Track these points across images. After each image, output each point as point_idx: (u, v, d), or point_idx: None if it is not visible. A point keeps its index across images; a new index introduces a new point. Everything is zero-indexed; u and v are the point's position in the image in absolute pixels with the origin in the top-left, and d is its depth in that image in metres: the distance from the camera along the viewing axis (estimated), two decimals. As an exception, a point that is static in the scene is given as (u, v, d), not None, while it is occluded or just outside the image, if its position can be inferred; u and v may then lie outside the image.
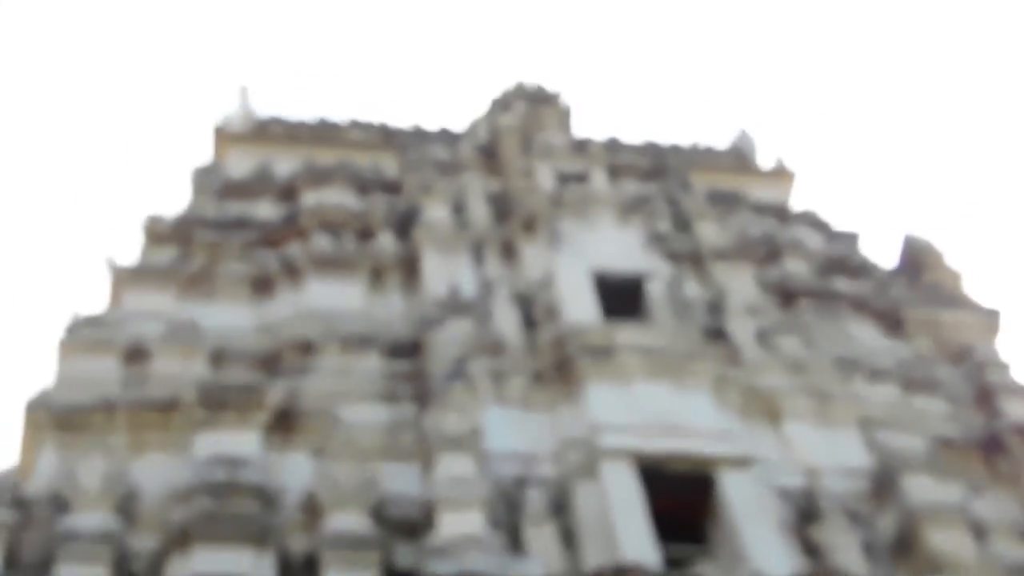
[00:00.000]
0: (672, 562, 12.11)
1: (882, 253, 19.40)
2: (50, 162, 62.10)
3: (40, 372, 15.03)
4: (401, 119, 22.74)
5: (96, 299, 16.18)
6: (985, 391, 15.73)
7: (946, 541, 12.87)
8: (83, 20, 67.90)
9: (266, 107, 22.73)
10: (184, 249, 16.92)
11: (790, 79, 64.28)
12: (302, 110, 22.27)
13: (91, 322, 15.18)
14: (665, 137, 22.89)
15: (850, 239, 19.64)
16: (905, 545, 13.07)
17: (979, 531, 13.27)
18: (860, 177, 63.56)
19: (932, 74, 63.49)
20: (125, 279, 16.23)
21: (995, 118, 62.67)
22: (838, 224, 20.14)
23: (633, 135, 22.32)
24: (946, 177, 57.47)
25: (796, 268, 17.50)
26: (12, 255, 57.14)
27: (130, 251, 16.97)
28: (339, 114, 22.85)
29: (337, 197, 17.95)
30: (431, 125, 22.41)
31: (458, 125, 22.01)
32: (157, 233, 17.18)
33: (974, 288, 18.21)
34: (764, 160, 22.76)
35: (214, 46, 66.04)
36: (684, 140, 23.01)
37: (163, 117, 60.07)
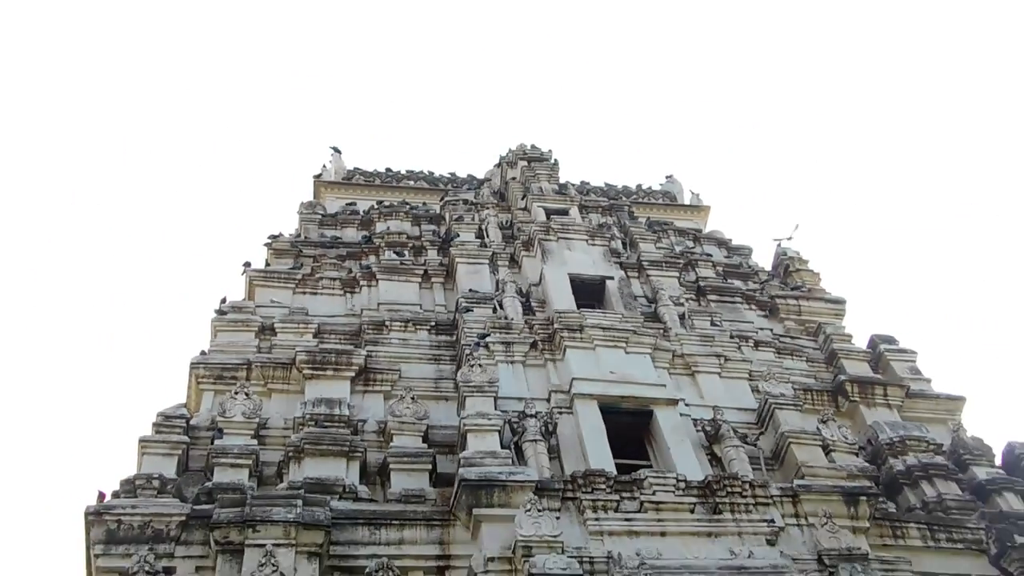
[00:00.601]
0: (623, 469, 12.26)
1: (764, 261, 19.42)
2: (201, 196, 61.86)
3: (198, 342, 15.05)
4: (442, 169, 22.75)
5: (235, 292, 16.21)
6: (832, 354, 15.92)
7: (806, 454, 13.09)
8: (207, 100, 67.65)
9: (351, 161, 22.72)
10: (296, 259, 16.97)
11: (707, 138, 63.90)
12: (375, 163, 22.04)
13: (234, 308, 15.28)
14: (618, 181, 22.80)
15: (744, 251, 19.64)
16: (779, 457, 13.29)
17: (827, 448, 13.45)
18: (753, 207, 63.40)
19: (802, 128, 62.86)
20: (257, 279, 16.31)
21: (848, 158, 62.25)
22: (736, 241, 20.11)
23: (597, 179, 22.28)
24: (813, 203, 57.09)
25: (705, 273, 17.49)
26: (174, 262, 56.90)
27: (258, 260, 17.07)
28: (400, 166, 22.76)
29: (399, 226, 18.02)
30: (462, 173, 22.37)
31: (479, 172, 21.94)
32: (278, 248, 17.17)
33: (827, 283, 18.24)
34: (686, 197, 22.76)
35: (314, 120, 65.73)
36: (631, 183, 22.90)
37: (277, 168, 59.77)
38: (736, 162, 60.21)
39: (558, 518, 11.14)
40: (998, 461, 14.24)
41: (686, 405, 13.76)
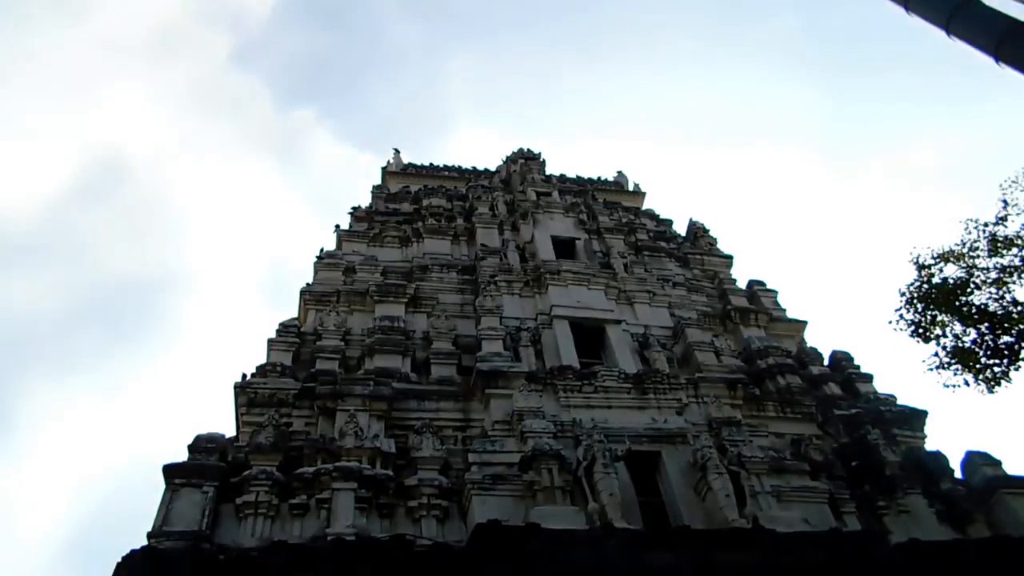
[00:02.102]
0: (584, 365, 12.48)
1: (681, 229, 19.42)
2: (311, 181, 61.51)
3: (306, 278, 15.19)
4: (468, 164, 22.69)
5: (329, 245, 16.18)
6: (723, 292, 16.07)
7: (703, 357, 13.36)
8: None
9: (407, 158, 22.69)
10: (370, 223, 17.03)
11: (646, 144, 63.23)
12: (423, 159, 22.06)
13: (329, 255, 15.31)
14: (584, 173, 22.69)
15: (667, 223, 19.61)
16: (686, 359, 13.48)
17: (717, 353, 13.72)
18: (675, 193, 62.97)
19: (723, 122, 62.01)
20: (344, 236, 16.37)
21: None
22: (663, 216, 20.06)
23: (571, 172, 22.15)
24: (716, 188, 56.60)
25: (642, 237, 17.48)
26: (294, 227, 56.64)
27: (345, 224, 17.00)
28: (439, 162, 22.73)
29: (438, 202, 18.00)
30: (480, 167, 22.26)
31: (492, 166, 21.72)
32: (357, 216, 17.18)
33: (722, 245, 18.27)
34: (630, 186, 22.73)
35: (382, 131, 65.13)
36: (593, 175, 22.86)
37: (355, 163, 59.49)
38: (665, 162, 59.68)
39: (540, 396, 11.43)
40: (826, 362, 14.54)
41: (627, 324, 13.90)
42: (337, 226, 16.77)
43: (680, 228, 19.49)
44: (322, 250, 15.63)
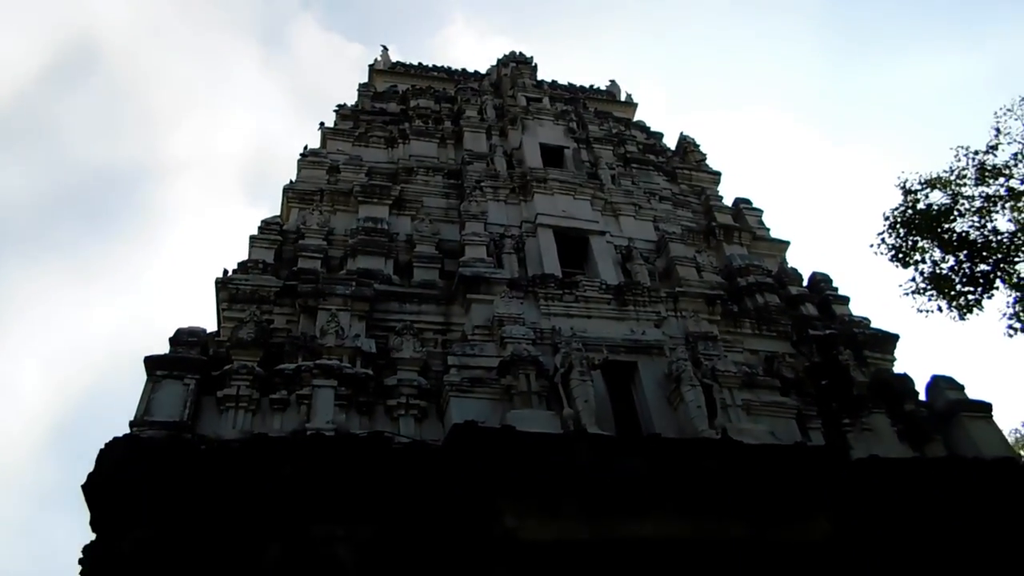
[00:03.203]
0: (566, 275, 12.44)
1: (671, 143, 19.17)
2: (295, 77, 59.71)
3: (290, 175, 14.95)
4: (457, 65, 22.16)
5: (313, 143, 15.89)
6: (708, 209, 15.96)
7: (685, 272, 13.35)
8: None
9: (395, 56, 22.02)
10: (355, 122, 16.58)
11: (641, 55, 61.80)
12: (412, 58, 21.45)
13: (313, 153, 15.02)
14: (577, 81, 22.14)
15: (657, 136, 19.30)
16: (668, 273, 13.46)
17: (699, 269, 13.74)
18: (667, 106, 62.05)
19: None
20: (328, 134, 15.95)
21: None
22: (653, 128, 19.70)
23: (562, 79, 21.62)
24: (716, 102, 55.89)
25: (631, 149, 17.23)
26: (275, 121, 55.34)
27: (330, 122, 16.60)
28: (428, 62, 22.09)
29: (426, 103, 17.55)
30: (471, 69, 21.65)
31: (483, 68, 21.17)
32: (343, 114, 16.71)
33: (711, 161, 18.06)
34: (622, 96, 22.25)
35: (370, 18, 62.83)
36: (585, 83, 22.31)
37: (342, 54, 57.66)
38: (657, 73, 58.51)
39: (522, 303, 11.49)
40: (805, 283, 14.68)
41: (611, 236, 13.84)
42: (322, 124, 16.39)
43: (670, 142, 19.25)
44: (306, 148, 15.29)
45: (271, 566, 7.76)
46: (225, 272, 11.53)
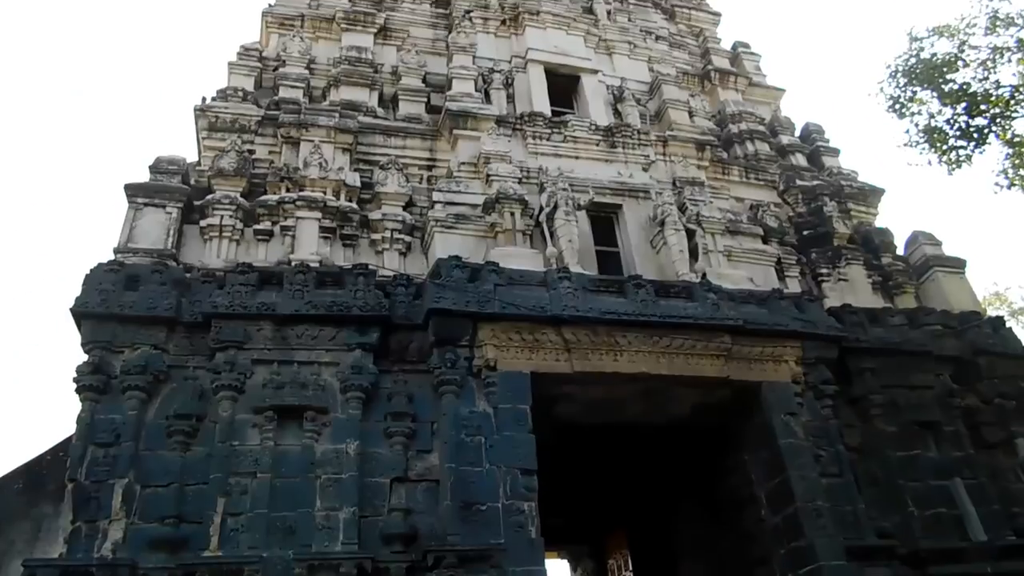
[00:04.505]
0: (555, 114, 12.12)
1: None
2: None
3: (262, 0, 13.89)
4: None
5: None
6: (706, 51, 15.29)
7: (676, 116, 12.88)
8: None
9: None
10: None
11: None
12: None
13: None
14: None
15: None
16: (659, 116, 13.01)
17: (691, 113, 13.31)
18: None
19: None
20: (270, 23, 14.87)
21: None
22: None
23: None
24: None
25: None
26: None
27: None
28: None
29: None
30: None
31: None
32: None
33: (715, 2, 17.08)
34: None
35: None
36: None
37: None
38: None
39: (509, 141, 11.24)
40: (797, 133, 14.49)
41: (603, 75, 13.33)
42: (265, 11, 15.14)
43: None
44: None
45: (256, 386, 8.05)
46: (204, 100, 11.13)
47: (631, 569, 12.73)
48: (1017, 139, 11.46)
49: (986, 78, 11.76)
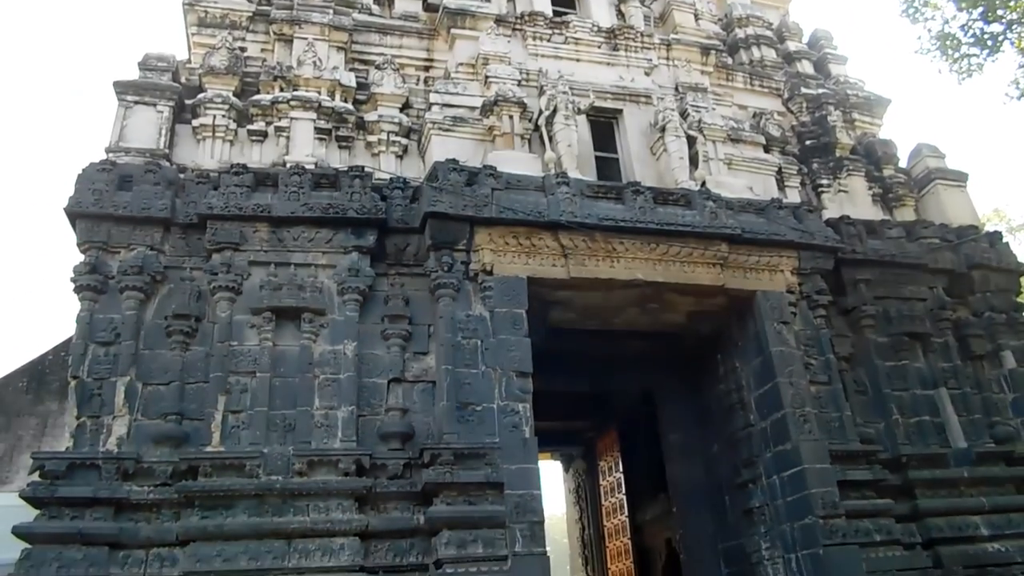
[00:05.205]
0: (557, 15, 11.54)
1: None
2: None
3: None
4: None
5: None
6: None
7: (683, 18, 12.31)
8: None
9: None
10: None
11: None
12: None
13: None
14: None
15: None
16: (663, 18, 12.54)
17: (696, 16, 12.71)
18: None
19: None
20: None
21: None
22: None
23: None
24: None
25: None
26: None
27: None
28: None
29: None
30: None
31: None
32: None
33: None
34: None
35: None
36: None
37: None
38: None
39: (508, 41, 10.87)
40: (805, 40, 14.01)
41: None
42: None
43: None
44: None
45: (254, 287, 8.05)
46: (195, -9, 10.68)
47: (621, 471, 13.13)
48: (1032, 47, 11.13)
49: (1008, -21, 11.31)
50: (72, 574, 6.57)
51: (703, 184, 9.95)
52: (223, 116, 9.60)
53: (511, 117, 9.84)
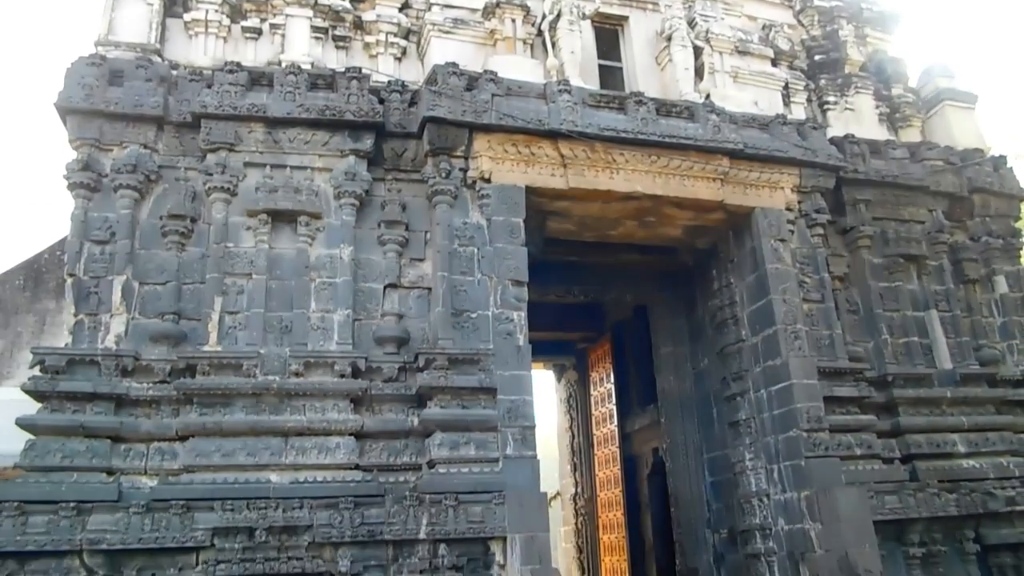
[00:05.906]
0: None
1: None
2: None
3: None
4: None
5: None
6: None
7: None
8: None
9: None
10: None
11: None
12: None
13: None
14: None
15: None
16: None
17: None
18: None
19: None
20: None
21: None
22: None
23: None
24: None
25: None
26: None
27: None
28: None
29: None
30: None
31: None
32: None
33: None
34: None
35: None
36: None
37: None
38: None
39: None
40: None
41: None
42: None
43: None
44: None
45: (249, 189, 7.96)
46: None
47: (612, 382, 13.37)
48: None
49: None
50: (76, 464, 6.73)
51: (707, 97, 9.72)
52: (216, 11, 9.24)
53: (513, 20, 9.50)
